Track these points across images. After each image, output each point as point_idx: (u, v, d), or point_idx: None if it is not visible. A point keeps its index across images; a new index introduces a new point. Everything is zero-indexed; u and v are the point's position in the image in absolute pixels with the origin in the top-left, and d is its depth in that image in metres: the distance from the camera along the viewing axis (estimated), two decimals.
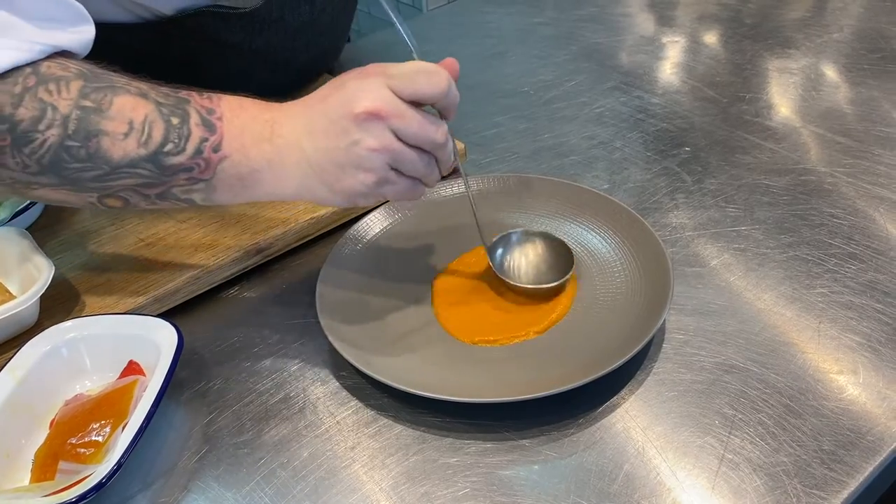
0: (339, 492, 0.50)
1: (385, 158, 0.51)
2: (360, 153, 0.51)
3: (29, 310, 0.58)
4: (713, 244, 0.66)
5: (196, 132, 0.51)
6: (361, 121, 0.50)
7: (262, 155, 0.52)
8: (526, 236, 0.64)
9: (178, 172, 0.52)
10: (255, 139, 0.52)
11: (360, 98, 0.50)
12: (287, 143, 0.52)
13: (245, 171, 0.52)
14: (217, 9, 0.71)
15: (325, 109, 0.52)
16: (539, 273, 0.63)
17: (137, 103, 0.51)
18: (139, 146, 0.50)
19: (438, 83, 0.52)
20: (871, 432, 0.50)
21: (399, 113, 0.51)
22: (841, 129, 0.81)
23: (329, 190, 0.53)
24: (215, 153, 0.52)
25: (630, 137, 0.82)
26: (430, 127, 0.52)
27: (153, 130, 0.50)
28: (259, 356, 0.60)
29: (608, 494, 0.48)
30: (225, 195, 0.54)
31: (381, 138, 0.51)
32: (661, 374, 0.55)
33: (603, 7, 1.15)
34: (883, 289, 0.60)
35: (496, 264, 0.62)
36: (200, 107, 0.52)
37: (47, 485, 0.48)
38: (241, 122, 0.53)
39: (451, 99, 0.53)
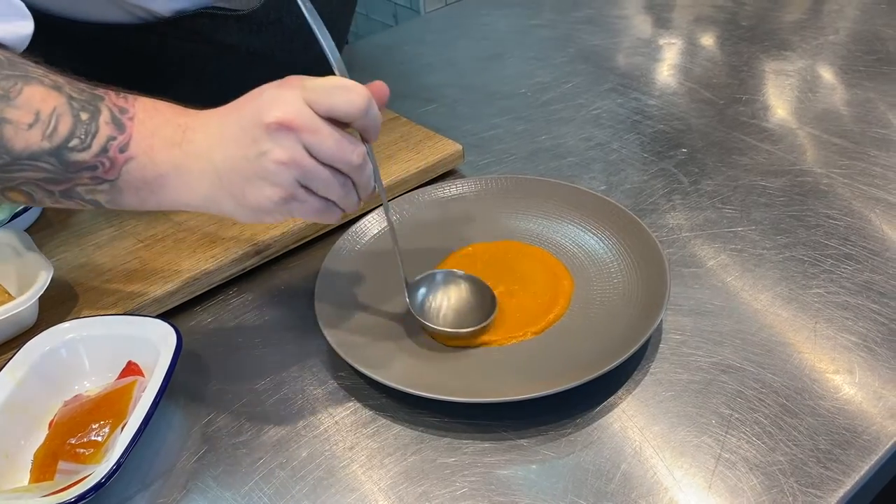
0: (337, 491, 0.50)
1: (293, 173, 0.49)
2: (267, 165, 0.48)
3: (28, 311, 0.58)
4: (710, 245, 0.67)
5: (104, 130, 0.50)
6: (272, 131, 0.48)
7: (170, 160, 0.51)
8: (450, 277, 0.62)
9: (81, 170, 0.50)
10: (165, 143, 0.51)
11: (272, 107, 0.48)
12: (197, 150, 0.51)
13: (150, 175, 0.51)
14: (214, 10, 0.71)
15: (237, 117, 0.50)
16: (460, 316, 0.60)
17: (48, 95, 0.49)
18: (43, 138, 0.49)
19: (356, 101, 0.49)
20: (867, 431, 0.50)
21: (313, 128, 0.48)
22: (837, 130, 0.82)
23: (235, 203, 0.51)
24: (121, 153, 0.50)
25: (627, 139, 0.83)
26: (347, 146, 0.49)
27: (60, 124, 0.49)
28: (257, 357, 0.60)
29: (605, 494, 0.48)
30: (130, 198, 0.52)
31: (291, 151, 0.48)
32: (658, 374, 0.55)
33: (600, 9, 1.16)
34: (879, 289, 0.61)
35: (415, 306, 0.60)
36: (114, 105, 0.51)
37: (46, 485, 0.48)
38: (153, 125, 0.51)
39: (371, 120, 0.51)
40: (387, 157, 0.75)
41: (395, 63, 1.05)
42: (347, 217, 0.61)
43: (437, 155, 0.76)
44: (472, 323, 0.59)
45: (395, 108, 0.85)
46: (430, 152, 0.76)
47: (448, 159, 0.76)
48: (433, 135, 0.79)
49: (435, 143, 0.77)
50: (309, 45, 0.83)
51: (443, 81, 0.97)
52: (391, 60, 1.06)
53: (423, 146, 0.77)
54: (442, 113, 0.90)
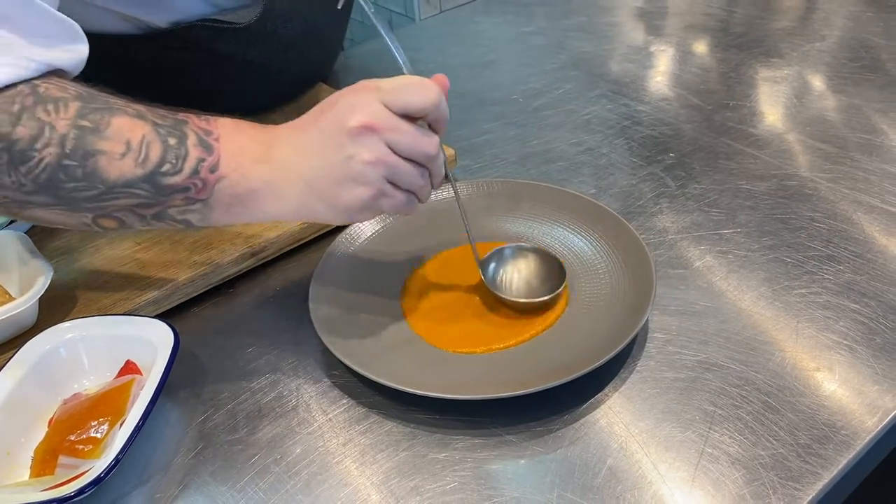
0: (330, 486, 0.51)
1: (381, 171, 0.52)
2: (356, 167, 0.51)
3: (28, 311, 0.59)
4: (696, 247, 0.68)
5: (193, 152, 0.52)
6: (355, 135, 0.51)
7: (260, 175, 0.53)
8: (518, 251, 0.65)
9: (174, 192, 0.52)
10: (252, 160, 0.53)
11: (353, 113, 0.51)
12: (283, 163, 0.53)
13: (242, 192, 0.53)
14: (211, 23, 0.73)
15: (319, 127, 0.53)
16: (531, 288, 0.64)
17: (135, 124, 0.51)
18: (136, 166, 0.50)
19: (429, 96, 0.52)
20: (846, 427, 0.52)
21: (392, 126, 0.51)
22: (822, 135, 0.83)
23: (328, 207, 0.53)
24: (212, 173, 0.52)
25: (616, 144, 0.84)
26: (423, 139, 0.53)
27: (150, 150, 0.51)
28: (253, 356, 0.61)
29: (592, 488, 0.49)
30: (222, 216, 0.54)
31: (376, 151, 0.51)
32: (644, 372, 0.57)
33: (592, 17, 1.17)
34: (859, 290, 0.62)
35: (488, 279, 0.63)
36: (198, 128, 0.53)
37: (46, 479, 0.50)
38: (238, 143, 0.53)
39: (442, 112, 0.54)
40: None
41: (389, 69, 1.05)
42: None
43: None
44: (543, 293, 0.62)
45: None
46: None
47: None
48: None
49: None
50: (304, 56, 0.85)
51: None
52: (386, 66, 1.06)
53: None
54: None
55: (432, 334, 0.61)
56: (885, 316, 0.60)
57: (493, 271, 0.64)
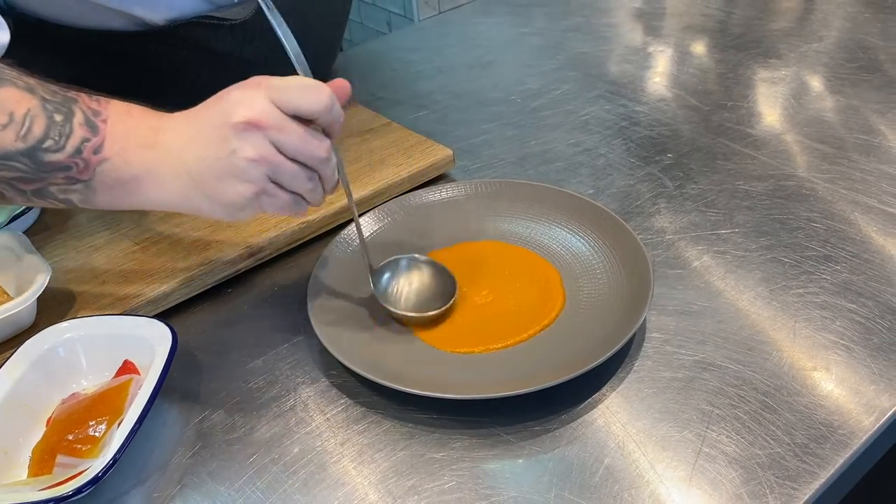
0: (328, 486, 0.51)
1: (264, 169, 0.51)
2: (237, 163, 0.50)
3: (26, 311, 0.59)
4: (694, 247, 0.68)
5: (78, 132, 0.51)
6: (240, 130, 0.50)
7: (143, 162, 0.52)
8: (413, 262, 0.65)
9: (55, 170, 0.51)
10: (138, 145, 0.52)
11: (239, 108, 0.50)
12: (168, 152, 0.52)
13: (125, 177, 0.52)
14: (208, 20, 0.73)
15: (206, 118, 0.52)
16: (422, 300, 0.63)
17: (22, 97, 0.50)
18: (17, 139, 0.50)
19: (320, 98, 0.51)
20: (843, 426, 0.52)
21: (279, 125, 0.50)
22: (820, 136, 0.84)
23: (210, 201, 0.53)
24: (95, 155, 0.51)
25: (614, 144, 0.84)
26: (312, 141, 0.52)
27: (34, 125, 0.50)
28: (251, 356, 0.61)
29: (589, 487, 0.49)
30: (104, 198, 0.53)
31: (260, 148, 0.50)
32: (641, 372, 0.57)
33: (590, 18, 1.18)
34: (856, 290, 0.62)
35: (379, 290, 0.63)
36: (87, 107, 0.52)
37: (44, 478, 0.50)
38: (126, 127, 0.52)
39: (334, 116, 0.53)
40: (378, 162, 0.77)
41: (388, 70, 1.06)
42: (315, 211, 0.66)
43: (428, 159, 0.77)
44: (433, 307, 0.61)
45: (388, 114, 0.86)
46: (422, 157, 0.78)
47: (439, 164, 0.78)
48: (424, 140, 0.80)
49: (426, 148, 0.79)
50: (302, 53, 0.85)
51: (435, 88, 0.99)
52: (384, 67, 1.07)
53: (414, 151, 0.78)
54: (434, 119, 0.92)
55: (430, 334, 0.61)
56: (882, 316, 0.60)
57: (385, 283, 0.64)
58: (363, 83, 1.02)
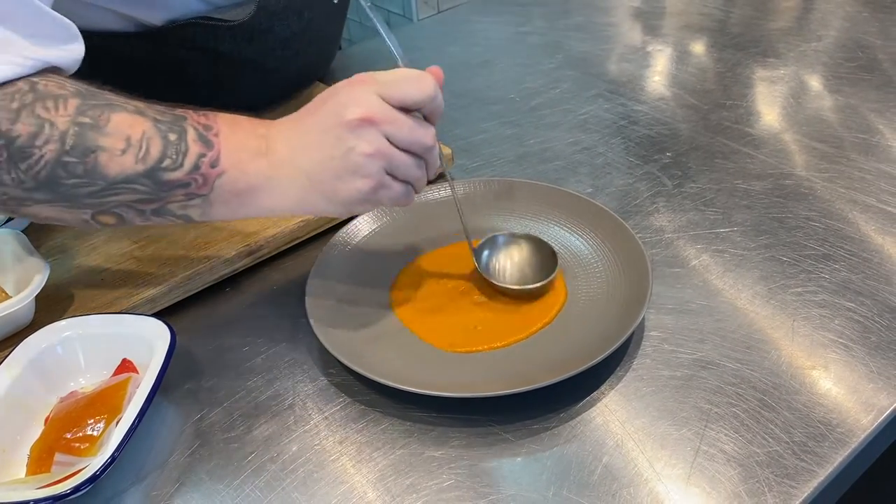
0: (327, 484, 0.51)
1: (380, 163, 0.52)
2: (355, 159, 0.52)
3: (24, 309, 0.59)
4: (692, 246, 0.68)
5: (193, 148, 0.52)
6: (354, 127, 0.51)
7: (259, 170, 0.53)
8: (511, 238, 0.66)
9: (175, 188, 0.52)
10: (252, 155, 0.53)
11: (350, 106, 0.52)
12: (282, 158, 0.53)
13: (242, 187, 0.53)
14: (205, 21, 0.73)
15: (317, 121, 0.53)
16: (524, 275, 0.64)
17: (135, 120, 0.51)
18: (136, 162, 0.51)
19: (425, 88, 0.53)
20: (842, 425, 0.52)
21: (390, 118, 0.52)
22: (818, 135, 0.84)
23: (328, 200, 0.54)
24: (213, 168, 0.52)
25: (613, 143, 0.84)
26: (420, 130, 0.53)
27: (150, 146, 0.51)
28: (249, 354, 0.61)
29: (588, 485, 0.49)
30: (222, 211, 0.55)
31: (376, 143, 0.52)
32: (640, 371, 0.57)
33: (589, 17, 1.18)
34: (855, 288, 0.62)
35: (482, 266, 0.64)
36: (197, 123, 0.53)
37: (42, 477, 0.50)
38: (238, 139, 0.53)
39: (438, 104, 0.55)
40: None
41: (386, 69, 1.06)
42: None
43: None
44: (536, 280, 0.63)
45: None
46: None
47: None
48: None
49: None
50: (300, 54, 0.85)
51: None
52: (383, 66, 1.07)
53: None
54: None
55: (429, 333, 0.61)
56: (881, 315, 0.60)
57: (486, 259, 0.65)
58: None
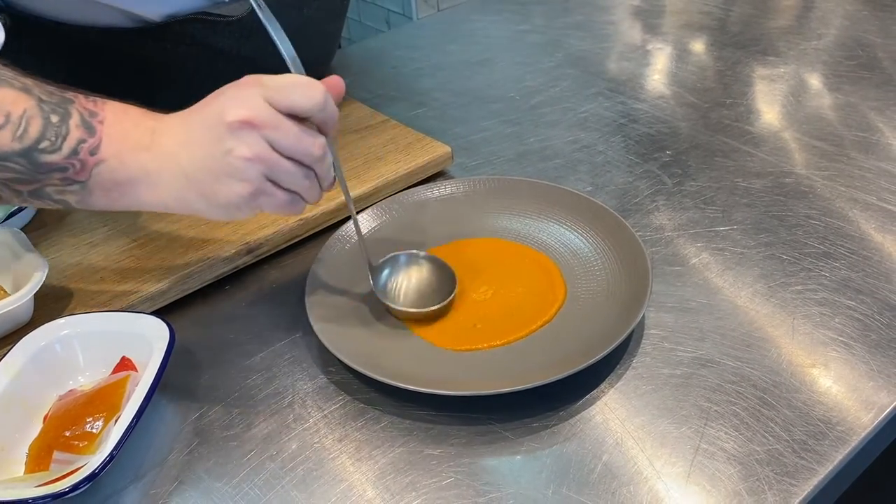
0: (326, 482, 0.51)
1: (260, 168, 0.51)
2: (233, 162, 0.50)
3: (23, 307, 0.59)
4: (692, 244, 0.68)
5: (74, 133, 0.51)
6: (235, 129, 0.50)
7: (139, 163, 0.52)
8: (412, 258, 0.65)
9: (52, 171, 0.51)
10: (134, 147, 0.52)
11: (233, 107, 0.50)
12: (165, 153, 0.52)
13: (121, 178, 0.52)
14: (204, 16, 0.73)
15: (201, 119, 0.52)
16: (421, 297, 0.63)
17: (18, 97, 0.50)
18: (13, 139, 0.49)
19: (313, 96, 0.51)
20: (842, 423, 0.52)
21: (273, 123, 0.50)
22: (818, 133, 0.83)
23: (205, 201, 0.52)
24: (92, 156, 0.51)
25: (613, 141, 0.84)
26: (307, 139, 0.51)
27: (30, 126, 0.50)
28: (249, 352, 0.61)
29: (587, 483, 0.49)
30: (101, 200, 0.53)
31: (255, 147, 0.50)
32: (639, 369, 0.57)
33: (589, 15, 1.17)
34: (855, 287, 0.62)
35: (379, 287, 0.63)
36: (83, 108, 0.52)
37: (41, 475, 0.49)
38: (123, 129, 0.52)
39: (329, 114, 0.53)
40: (377, 159, 0.77)
41: (386, 67, 1.06)
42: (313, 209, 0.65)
43: (426, 156, 0.77)
44: (433, 302, 0.61)
45: (386, 111, 0.86)
46: (420, 154, 0.77)
47: (437, 161, 0.78)
48: (423, 137, 0.80)
49: (424, 145, 0.79)
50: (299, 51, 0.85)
51: (433, 85, 0.99)
52: (383, 65, 1.07)
53: (412, 148, 0.78)
54: (432, 116, 0.92)
55: (428, 331, 0.61)
56: (881, 313, 0.60)
57: (385, 279, 0.64)
58: (362, 80, 1.02)
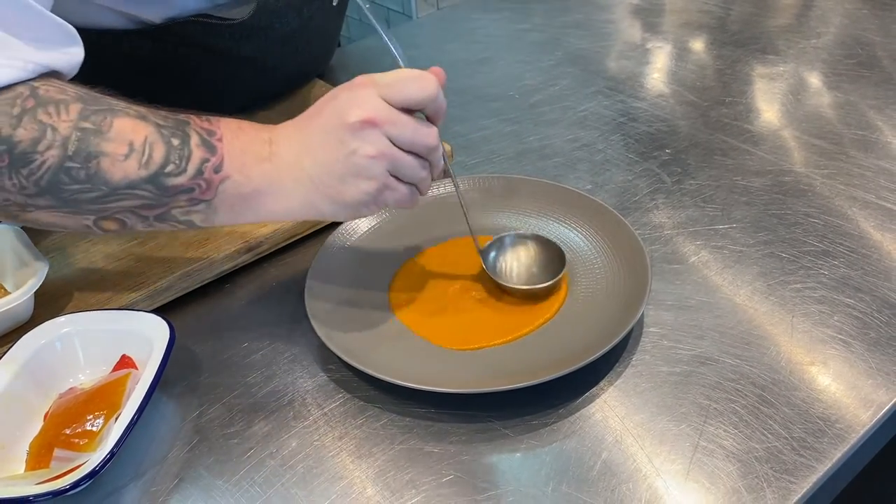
0: (326, 479, 0.51)
1: (384, 165, 0.52)
2: (358, 162, 0.52)
3: (24, 305, 0.59)
4: (692, 242, 0.68)
5: (197, 153, 0.51)
6: (357, 130, 0.51)
7: (263, 175, 0.53)
8: (518, 239, 0.66)
9: (178, 193, 0.52)
10: (256, 159, 0.53)
11: (352, 108, 0.51)
12: (286, 162, 0.53)
13: (247, 192, 0.53)
14: (205, 18, 0.73)
15: (320, 124, 0.53)
16: (531, 275, 0.64)
17: (137, 125, 0.51)
18: (140, 167, 0.50)
19: (427, 88, 0.53)
20: (841, 420, 0.52)
21: (392, 119, 0.52)
22: (818, 132, 0.84)
23: (332, 203, 0.53)
24: (216, 174, 0.52)
25: (612, 140, 0.84)
26: (423, 131, 0.53)
27: (154, 152, 0.51)
28: (249, 350, 0.61)
29: (587, 481, 0.49)
30: (226, 216, 0.54)
31: (378, 145, 0.52)
32: (639, 367, 0.57)
33: (588, 14, 1.17)
34: (854, 284, 0.62)
35: (489, 267, 0.64)
36: (200, 128, 0.53)
37: (42, 472, 0.50)
38: (241, 143, 0.53)
39: (440, 103, 0.54)
40: None
41: (386, 66, 1.06)
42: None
43: None
44: (544, 279, 0.62)
45: None
46: None
47: None
48: None
49: None
50: (299, 51, 0.85)
51: None
52: (382, 64, 1.06)
53: None
54: None
55: (428, 329, 0.61)
56: (880, 311, 0.60)
57: (493, 260, 0.65)
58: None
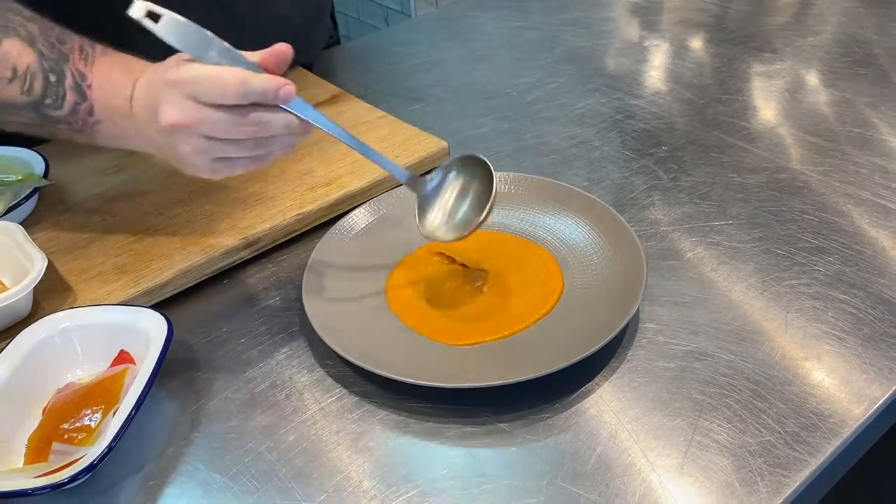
0: (322, 474, 0.51)
1: (206, 156, 0.54)
2: (180, 156, 0.55)
3: (22, 301, 0.59)
4: (687, 238, 0.69)
5: (69, 95, 0.55)
6: (168, 131, 0.53)
7: (129, 128, 0.58)
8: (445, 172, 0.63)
9: (59, 122, 0.56)
10: (120, 114, 0.57)
11: (164, 109, 0.53)
12: (140, 125, 0.57)
13: (118, 134, 0.59)
14: None
15: (145, 117, 0.56)
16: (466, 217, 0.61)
17: (23, 51, 0.54)
18: (22, 93, 0.54)
19: (225, 90, 0.51)
20: (834, 415, 0.52)
21: (200, 119, 0.52)
22: (814, 129, 0.84)
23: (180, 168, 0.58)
24: (90, 117, 0.56)
25: (609, 137, 0.85)
26: (239, 120, 0.52)
27: (34, 82, 0.55)
28: (246, 346, 0.61)
29: (582, 475, 0.50)
30: (108, 143, 0.60)
31: (192, 143, 0.53)
32: (634, 362, 0.57)
33: (586, 12, 1.18)
34: (848, 281, 0.63)
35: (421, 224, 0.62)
36: (75, 69, 0.55)
37: (40, 466, 0.50)
38: (108, 95, 0.56)
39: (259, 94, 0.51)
40: None
41: (384, 63, 1.06)
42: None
43: (422, 152, 0.77)
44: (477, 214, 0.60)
45: (384, 106, 0.86)
46: (416, 149, 0.78)
47: (433, 156, 0.78)
48: (419, 132, 0.80)
49: (421, 141, 0.79)
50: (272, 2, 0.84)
51: (431, 82, 0.99)
52: (381, 61, 1.07)
53: (409, 143, 0.79)
54: (429, 112, 0.92)
55: (425, 324, 0.61)
56: (874, 307, 0.60)
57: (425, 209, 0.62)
58: (360, 76, 1.02)
